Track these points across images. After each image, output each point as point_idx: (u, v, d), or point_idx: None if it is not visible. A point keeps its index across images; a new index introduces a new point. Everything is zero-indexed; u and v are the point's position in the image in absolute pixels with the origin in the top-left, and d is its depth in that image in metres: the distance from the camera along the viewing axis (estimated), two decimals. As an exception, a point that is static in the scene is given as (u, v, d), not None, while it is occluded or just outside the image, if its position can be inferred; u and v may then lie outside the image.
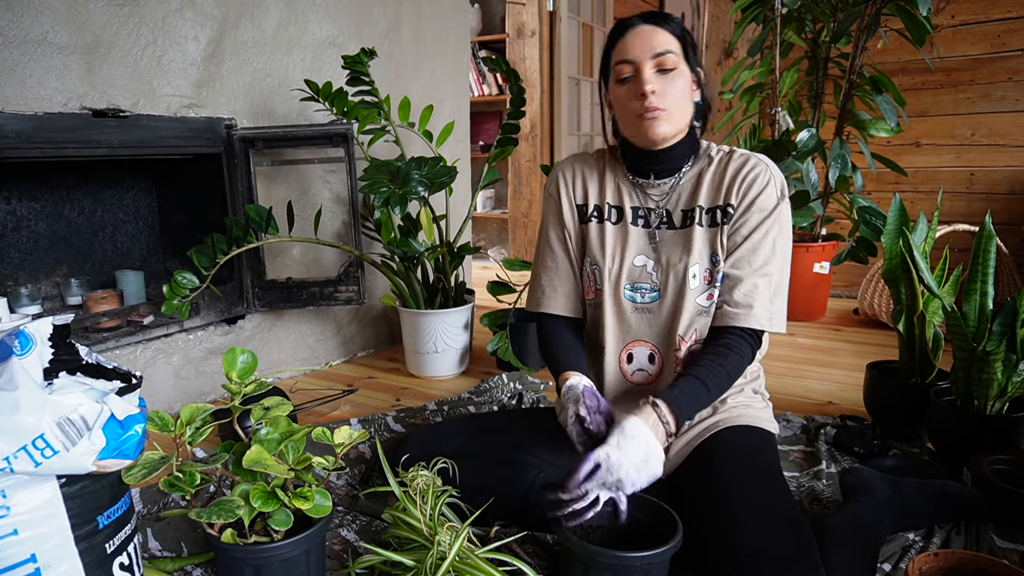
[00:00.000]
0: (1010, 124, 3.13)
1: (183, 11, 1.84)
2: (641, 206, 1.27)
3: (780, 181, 1.21)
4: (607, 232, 1.28)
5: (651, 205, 1.27)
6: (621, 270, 1.25)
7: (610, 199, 1.29)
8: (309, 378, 2.25)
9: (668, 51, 1.15)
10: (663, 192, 1.26)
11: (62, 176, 1.92)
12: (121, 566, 0.98)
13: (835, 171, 2.48)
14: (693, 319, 1.21)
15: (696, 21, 5.25)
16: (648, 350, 1.27)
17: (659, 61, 1.14)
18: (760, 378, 1.34)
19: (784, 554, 0.98)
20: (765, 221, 1.19)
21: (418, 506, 1.07)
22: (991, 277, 1.45)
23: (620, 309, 1.26)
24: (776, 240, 1.19)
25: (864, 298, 2.77)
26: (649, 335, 1.26)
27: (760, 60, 2.99)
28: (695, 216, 1.22)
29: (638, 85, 1.15)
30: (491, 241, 4.57)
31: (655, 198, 1.27)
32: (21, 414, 0.83)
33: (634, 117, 1.18)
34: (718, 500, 1.08)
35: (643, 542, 1.02)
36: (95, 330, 1.79)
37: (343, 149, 2.05)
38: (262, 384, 1.04)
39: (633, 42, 1.16)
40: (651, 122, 1.16)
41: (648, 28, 1.16)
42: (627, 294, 1.25)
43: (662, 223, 1.26)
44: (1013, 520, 1.24)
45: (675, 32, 1.17)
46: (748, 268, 1.18)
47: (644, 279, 1.25)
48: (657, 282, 1.24)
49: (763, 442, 1.22)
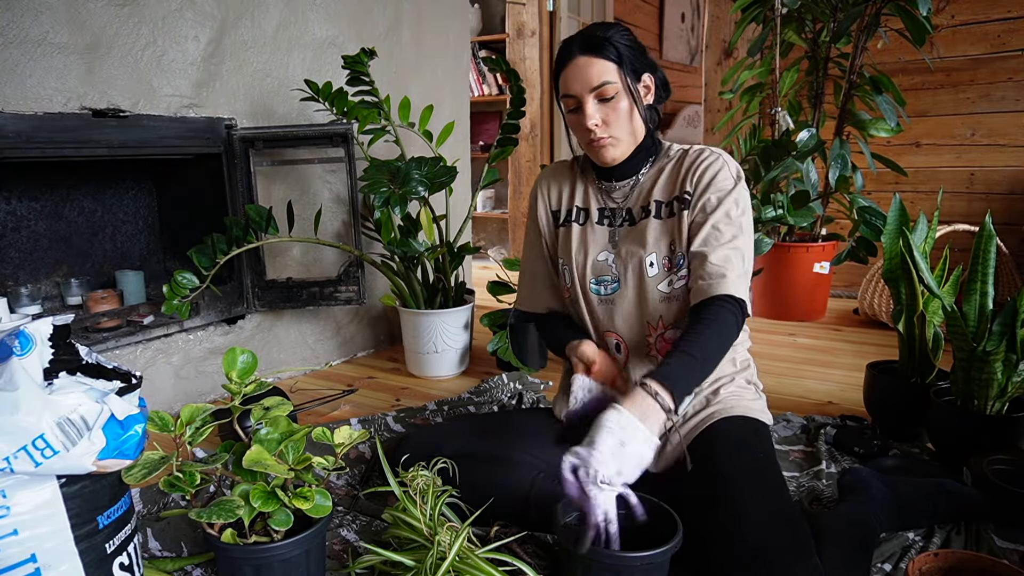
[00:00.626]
0: (1010, 124, 3.13)
1: (183, 11, 1.85)
2: (605, 207, 1.36)
3: (735, 167, 1.25)
4: (574, 233, 1.37)
5: (614, 205, 1.35)
6: (586, 265, 1.33)
7: (579, 203, 1.38)
8: (309, 378, 2.25)
9: (605, 82, 1.19)
10: (624, 193, 1.34)
11: (62, 176, 1.92)
12: (121, 566, 0.98)
13: (835, 171, 2.48)
14: (656, 306, 1.27)
15: (696, 21, 5.25)
16: (615, 340, 1.34)
17: (598, 93, 1.20)
18: (751, 368, 1.37)
19: (784, 543, 1.00)
20: (725, 200, 1.21)
21: (418, 506, 1.07)
22: (991, 277, 1.45)
23: (589, 302, 1.34)
24: (740, 219, 1.21)
25: (864, 298, 2.77)
26: (614, 326, 1.33)
27: (760, 60, 2.99)
28: (651, 210, 1.29)
29: (583, 117, 1.22)
30: (491, 241, 4.57)
31: (618, 199, 1.34)
32: (21, 414, 0.83)
33: (586, 145, 1.28)
34: (719, 485, 1.10)
35: (643, 542, 1.02)
36: (95, 330, 1.79)
37: (343, 149, 2.05)
38: (262, 384, 1.04)
39: (573, 76, 1.21)
40: (600, 150, 1.25)
41: (584, 61, 1.19)
42: (592, 287, 1.33)
43: (624, 221, 1.33)
44: (1013, 520, 1.24)
45: (611, 57, 1.19)
46: (716, 243, 1.20)
47: (606, 272, 1.32)
48: (617, 274, 1.31)
49: (758, 433, 1.24)
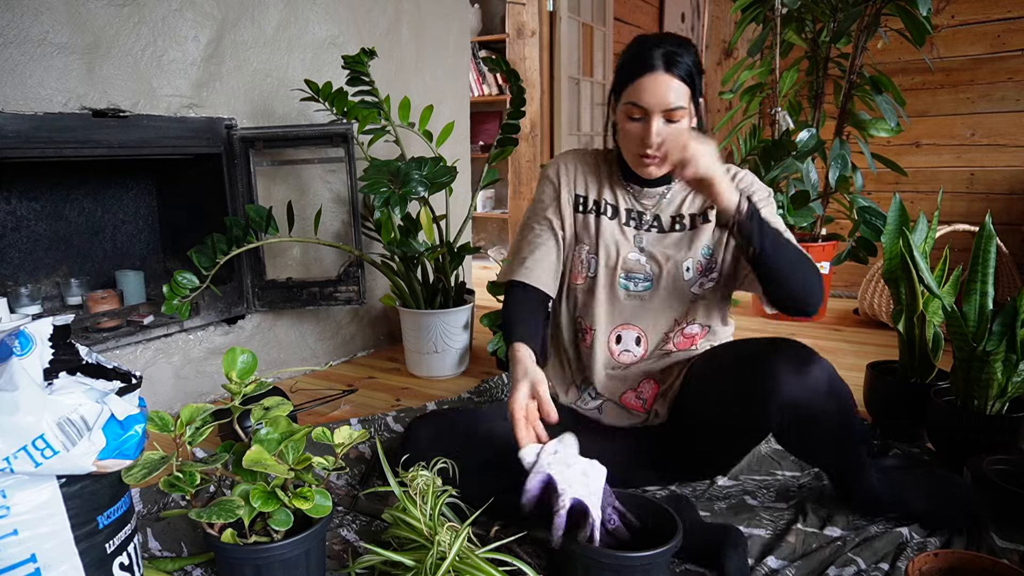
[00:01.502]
0: (1010, 124, 3.13)
1: (183, 11, 1.84)
2: (633, 208, 1.37)
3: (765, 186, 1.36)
4: (605, 224, 1.37)
5: (642, 209, 1.37)
6: (618, 261, 1.35)
7: (607, 197, 1.38)
8: (309, 378, 2.25)
9: (679, 107, 1.20)
10: (655, 200, 1.36)
11: (62, 176, 1.92)
12: (121, 566, 0.98)
13: (835, 171, 2.48)
14: (687, 304, 1.36)
15: (696, 21, 5.25)
16: (636, 333, 1.38)
17: (669, 114, 1.20)
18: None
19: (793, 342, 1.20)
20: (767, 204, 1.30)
21: (418, 506, 1.07)
22: (991, 277, 1.45)
23: (614, 295, 1.37)
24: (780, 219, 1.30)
25: (864, 298, 2.77)
26: (638, 320, 1.37)
27: (760, 60, 2.99)
28: (684, 221, 1.36)
29: (645, 132, 1.22)
30: (491, 241, 4.57)
31: (647, 204, 1.37)
32: (21, 414, 0.83)
33: (634, 154, 1.28)
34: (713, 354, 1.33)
35: (643, 542, 1.02)
36: (95, 330, 1.79)
37: (343, 149, 2.05)
38: (262, 384, 1.04)
39: (648, 90, 1.19)
40: (648, 166, 1.27)
41: (666, 79, 1.19)
42: (622, 282, 1.36)
43: (651, 226, 1.36)
44: (1013, 520, 1.24)
45: (687, 75, 1.20)
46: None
47: (638, 270, 1.35)
48: (650, 273, 1.35)
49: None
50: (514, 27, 3.91)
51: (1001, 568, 1.00)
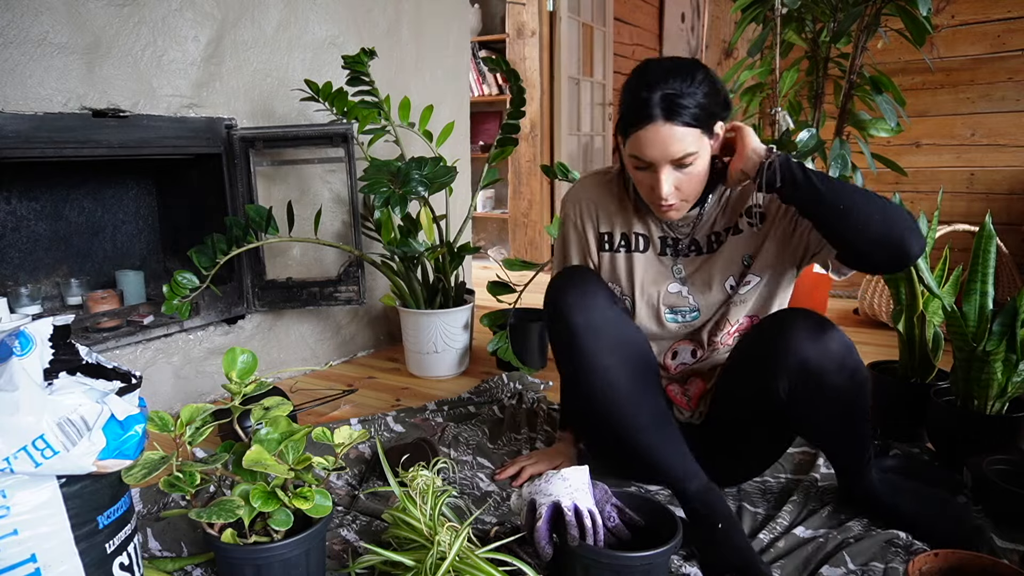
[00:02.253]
0: (1010, 124, 3.13)
1: (183, 11, 1.84)
2: (668, 235, 1.29)
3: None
4: (637, 262, 1.29)
5: (678, 235, 1.28)
6: (659, 299, 1.29)
7: (637, 228, 1.30)
8: (309, 378, 2.25)
9: (687, 154, 1.09)
10: (690, 223, 1.27)
11: (62, 176, 1.92)
12: (121, 566, 0.98)
13: (835, 171, 2.48)
14: (735, 311, 1.28)
15: (696, 21, 5.24)
16: (691, 347, 1.33)
17: (678, 162, 1.10)
18: None
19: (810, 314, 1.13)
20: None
21: (418, 506, 1.07)
22: (991, 277, 1.45)
23: (663, 327, 1.31)
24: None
25: (864, 298, 2.77)
26: (691, 336, 1.33)
27: (760, 60, 2.98)
28: (722, 238, 1.27)
29: (654, 181, 1.12)
30: (491, 241, 4.57)
31: (682, 228, 1.28)
32: (21, 414, 0.83)
33: (649, 200, 1.19)
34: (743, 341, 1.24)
35: (643, 542, 1.02)
36: (95, 330, 1.79)
37: (343, 149, 2.05)
38: (262, 384, 1.04)
39: (651, 143, 1.08)
40: (667, 212, 1.17)
41: (666, 130, 1.06)
42: (668, 316, 1.30)
43: (691, 251, 1.28)
44: (1013, 520, 1.24)
45: (692, 119, 1.07)
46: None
47: (682, 303, 1.29)
48: (696, 304, 1.29)
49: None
50: (514, 27, 3.91)
51: (1001, 568, 1.00)
